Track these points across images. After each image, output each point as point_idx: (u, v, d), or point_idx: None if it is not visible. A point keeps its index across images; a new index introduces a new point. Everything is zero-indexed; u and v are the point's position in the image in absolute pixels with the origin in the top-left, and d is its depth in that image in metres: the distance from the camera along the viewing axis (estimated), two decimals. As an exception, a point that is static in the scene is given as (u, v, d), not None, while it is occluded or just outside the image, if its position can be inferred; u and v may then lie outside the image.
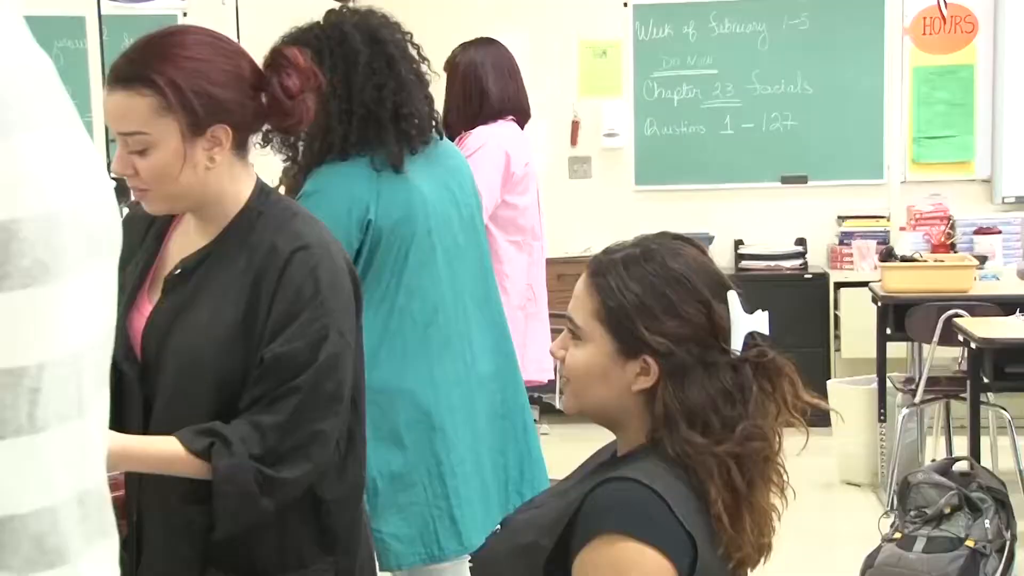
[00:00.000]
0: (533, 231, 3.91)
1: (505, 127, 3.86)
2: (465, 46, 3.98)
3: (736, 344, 1.61)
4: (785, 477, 1.68)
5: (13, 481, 0.87)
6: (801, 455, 1.69)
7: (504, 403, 2.88)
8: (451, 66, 3.95)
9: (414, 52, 2.71)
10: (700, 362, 1.60)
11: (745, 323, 1.63)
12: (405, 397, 2.62)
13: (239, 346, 1.84)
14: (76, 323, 0.90)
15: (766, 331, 1.65)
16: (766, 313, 1.66)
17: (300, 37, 2.56)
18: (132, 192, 1.90)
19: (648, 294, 1.62)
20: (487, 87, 3.86)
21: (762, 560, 1.67)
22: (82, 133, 0.95)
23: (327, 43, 2.57)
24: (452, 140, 3.90)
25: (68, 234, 0.88)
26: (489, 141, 3.76)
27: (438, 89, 2.85)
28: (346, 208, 2.53)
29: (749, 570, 1.68)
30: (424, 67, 2.72)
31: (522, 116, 3.96)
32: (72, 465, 0.92)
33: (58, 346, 0.89)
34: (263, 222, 1.90)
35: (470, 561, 3.65)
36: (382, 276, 2.60)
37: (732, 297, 1.63)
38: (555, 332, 4.34)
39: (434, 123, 2.73)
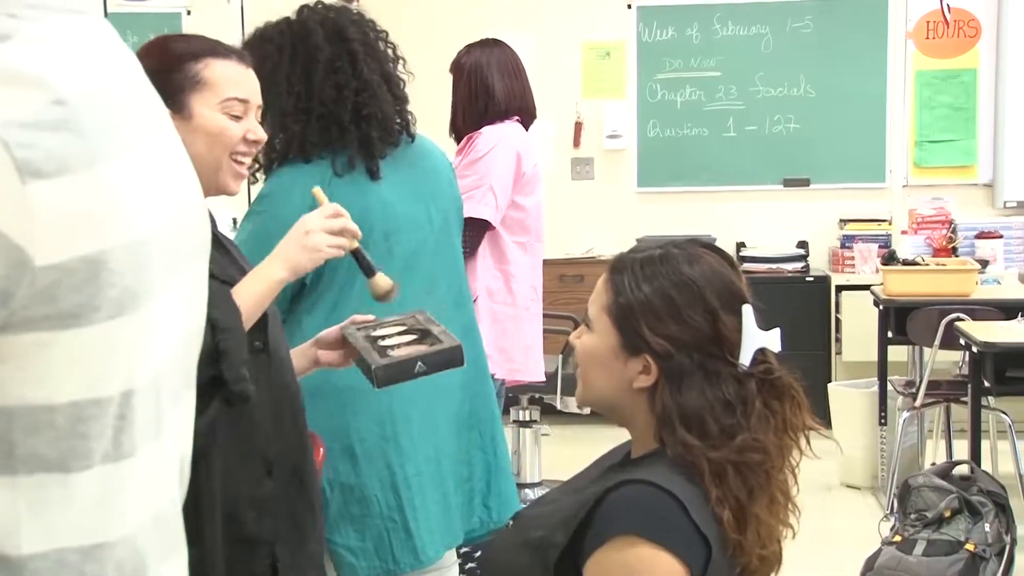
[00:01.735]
0: (537, 233, 3.89)
1: (513, 127, 3.84)
2: (470, 47, 3.97)
3: (744, 358, 1.62)
4: (794, 494, 1.68)
5: (100, 509, 0.87)
6: (801, 458, 1.70)
7: (472, 414, 2.80)
8: (456, 68, 3.94)
9: (388, 51, 2.62)
10: (701, 369, 1.61)
11: (757, 338, 1.63)
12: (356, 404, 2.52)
13: None
14: (159, 342, 0.91)
15: (778, 348, 1.66)
16: (779, 331, 1.66)
17: (265, 32, 2.52)
18: (243, 165, 2.05)
19: (656, 295, 1.64)
20: (492, 87, 3.85)
21: (772, 574, 1.67)
22: (171, 134, 0.95)
23: (290, 39, 2.50)
24: (459, 141, 3.89)
25: (156, 255, 0.89)
26: (500, 142, 3.75)
27: (418, 89, 2.80)
28: (298, 211, 2.39)
29: None
30: (399, 67, 2.64)
31: (527, 116, 3.94)
32: (150, 486, 0.92)
33: (144, 370, 0.89)
34: None
35: (476, 556, 3.66)
36: (335, 280, 2.50)
37: (747, 311, 1.64)
38: (551, 333, 4.36)
39: (402, 124, 2.63)
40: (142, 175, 0.88)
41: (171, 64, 1.99)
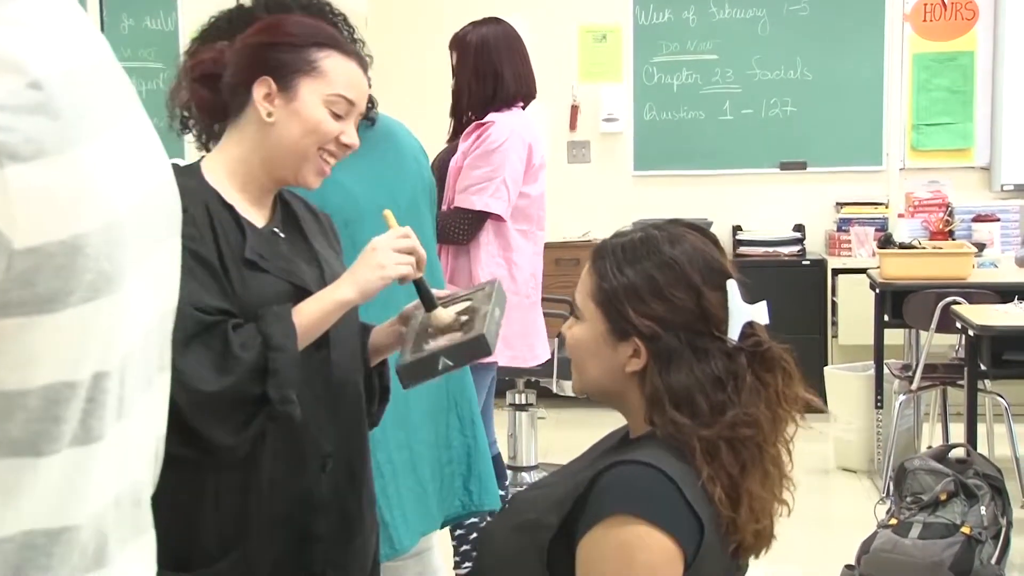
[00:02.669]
0: (539, 221, 3.86)
1: (521, 116, 3.80)
2: (475, 24, 3.91)
3: (732, 333, 1.62)
4: (787, 468, 1.68)
5: (68, 492, 0.87)
6: (798, 441, 1.70)
7: (450, 396, 2.80)
8: (461, 45, 3.86)
9: (344, 33, 2.60)
10: (689, 347, 1.62)
11: (743, 312, 1.63)
12: None
13: None
14: (131, 323, 0.91)
15: (765, 321, 1.66)
16: (765, 303, 1.66)
17: (217, 18, 2.48)
18: (328, 164, 2.02)
19: (638, 277, 1.64)
20: (501, 70, 3.78)
21: (764, 549, 1.68)
22: (141, 116, 0.94)
23: (238, 25, 2.38)
24: (463, 122, 3.84)
25: (130, 237, 0.88)
26: (514, 133, 3.70)
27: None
28: None
29: (752, 557, 1.69)
30: (357, 50, 2.62)
31: (530, 97, 3.90)
32: (114, 469, 0.92)
33: (114, 353, 0.89)
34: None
35: (472, 538, 3.65)
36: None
37: (731, 286, 1.64)
38: (549, 316, 4.33)
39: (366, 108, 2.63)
40: (115, 157, 0.88)
41: (293, 43, 1.99)
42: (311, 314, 1.91)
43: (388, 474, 2.58)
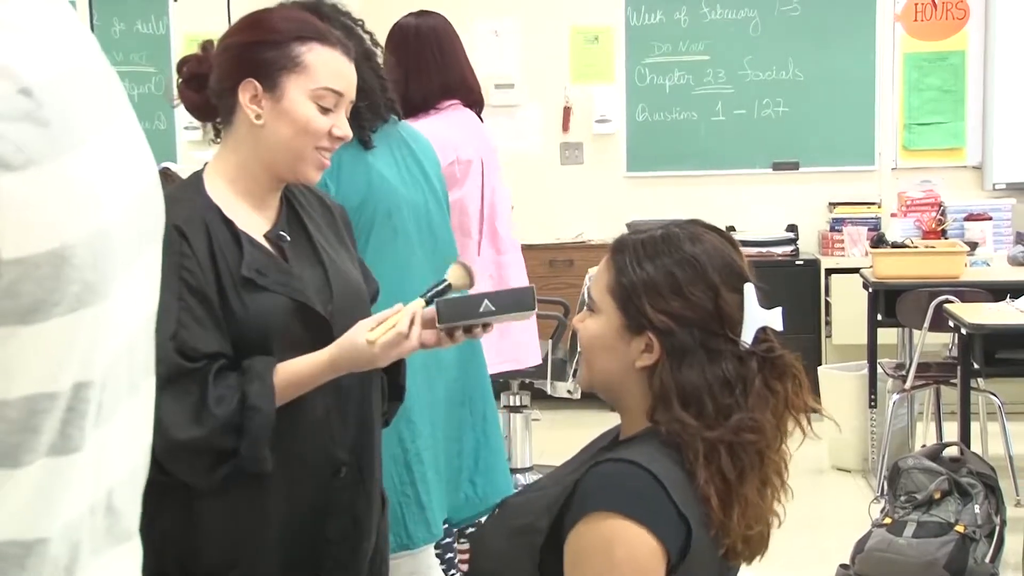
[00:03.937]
0: (463, 228, 3.53)
1: (433, 122, 3.43)
2: (404, 16, 3.65)
3: (746, 336, 1.62)
4: (785, 476, 1.68)
5: (43, 503, 0.85)
6: (792, 441, 1.70)
7: (464, 390, 2.84)
8: (387, 38, 3.51)
9: (365, 36, 2.61)
10: (702, 346, 1.62)
11: (759, 317, 1.64)
12: None
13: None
14: (115, 332, 0.89)
15: (780, 328, 1.66)
16: (781, 309, 1.66)
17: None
18: (326, 158, 2.00)
19: (658, 273, 1.64)
20: (409, 66, 3.45)
21: (758, 556, 1.67)
22: (130, 118, 0.93)
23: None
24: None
25: (117, 245, 0.87)
26: None
27: None
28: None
29: (743, 564, 1.69)
30: (377, 51, 2.63)
31: (464, 95, 3.55)
32: (91, 479, 0.90)
33: (97, 363, 0.87)
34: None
35: (467, 540, 3.65)
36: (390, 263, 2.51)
37: (748, 289, 1.64)
38: (543, 317, 4.32)
39: (390, 102, 2.63)
40: (104, 162, 0.86)
41: (274, 40, 1.95)
42: (298, 374, 1.88)
43: (427, 460, 2.63)
